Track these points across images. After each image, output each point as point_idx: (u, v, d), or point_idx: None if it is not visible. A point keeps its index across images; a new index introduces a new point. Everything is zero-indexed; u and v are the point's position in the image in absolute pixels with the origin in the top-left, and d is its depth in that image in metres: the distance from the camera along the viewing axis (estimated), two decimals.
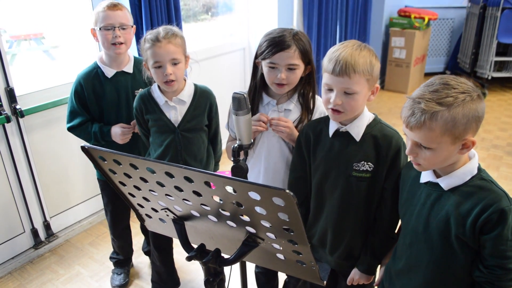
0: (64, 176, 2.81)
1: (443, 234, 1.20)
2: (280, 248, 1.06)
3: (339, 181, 1.46)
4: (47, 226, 2.78)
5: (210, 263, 1.11)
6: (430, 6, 5.68)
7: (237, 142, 1.35)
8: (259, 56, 1.61)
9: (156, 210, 1.22)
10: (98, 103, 2.05)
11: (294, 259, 1.09)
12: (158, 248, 2.15)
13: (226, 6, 4.28)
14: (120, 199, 1.27)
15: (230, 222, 1.07)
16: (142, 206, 1.25)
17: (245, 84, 4.20)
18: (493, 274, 1.16)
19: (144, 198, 1.19)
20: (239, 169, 1.34)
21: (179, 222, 1.19)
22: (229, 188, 0.93)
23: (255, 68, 1.68)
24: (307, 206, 1.62)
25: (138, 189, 1.14)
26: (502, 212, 1.10)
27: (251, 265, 1.44)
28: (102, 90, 2.03)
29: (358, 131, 1.41)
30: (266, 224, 0.99)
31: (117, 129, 2.02)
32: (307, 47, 1.58)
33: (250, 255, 1.13)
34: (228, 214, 1.03)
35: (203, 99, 1.89)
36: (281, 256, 1.11)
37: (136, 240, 2.70)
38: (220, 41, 4.05)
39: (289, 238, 0.99)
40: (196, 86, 1.90)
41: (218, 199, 1.00)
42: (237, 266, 1.44)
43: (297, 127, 1.65)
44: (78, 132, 2.09)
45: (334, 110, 1.37)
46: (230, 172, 1.35)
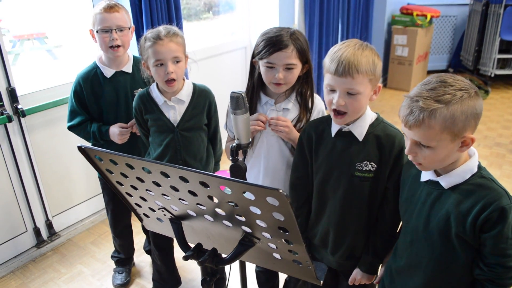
0: (66, 175, 2.83)
1: (444, 233, 1.20)
2: (276, 247, 1.06)
3: (342, 181, 1.45)
4: (49, 225, 2.79)
5: (206, 263, 1.11)
6: (433, 3, 5.64)
7: (235, 141, 1.35)
8: (256, 55, 1.60)
9: (153, 210, 1.23)
10: (97, 103, 2.06)
11: (290, 259, 1.09)
12: (158, 247, 2.16)
13: (228, 4, 4.28)
14: (120, 199, 1.28)
15: (226, 222, 1.07)
16: (139, 206, 1.26)
17: (246, 83, 4.19)
18: (493, 272, 1.16)
19: (141, 197, 1.19)
20: (238, 168, 1.34)
21: (176, 222, 1.19)
22: (226, 189, 0.93)
23: (253, 67, 1.68)
24: (309, 205, 1.61)
25: (135, 188, 1.15)
26: (502, 210, 1.10)
27: (252, 264, 1.44)
28: (101, 90, 2.04)
29: (361, 131, 1.41)
30: (262, 223, 0.99)
31: (115, 129, 2.03)
32: (305, 46, 1.58)
33: (247, 255, 1.13)
34: (224, 213, 1.03)
35: (202, 98, 1.89)
36: (277, 255, 1.11)
37: (137, 239, 2.71)
38: (221, 40, 4.05)
39: (284, 238, 1.00)
40: (194, 85, 1.90)
41: (214, 199, 1.00)
42: (237, 265, 1.45)
43: (295, 126, 1.64)
44: (78, 131, 2.10)
45: (337, 114, 1.36)
46: (229, 171, 1.36)
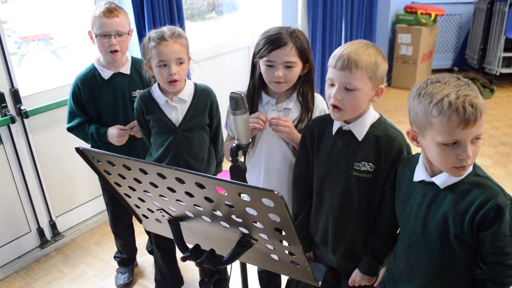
0: (69, 175, 2.84)
1: (442, 234, 1.19)
2: (273, 248, 1.06)
3: (340, 179, 1.45)
4: (53, 226, 2.81)
5: (204, 264, 1.11)
6: (437, 2, 5.61)
7: (235, 141, 1.34)
8: (256, 54, 1.60)
9: (152, 211, 1.23)
10: (95, 105, 2.06)
11: (288, 260, 1.08)
12: (160, 247, 2.16)
13: (231, 4, 4.28)
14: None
15: (223, 223, 1.07)
16: (138, 207, 1.26)
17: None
18: (493, 271, 1.15)
19: (139, 199, 1.19)
20: (237, 169, 1.33)
21: (174, 223, 1.19)
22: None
23: (254, 67, 1.67)
24: (311, 202, 1.61)
25: (133, 190, 1.15)
26: (498, 208, 1.10)
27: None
28: (99, 92, 2.04)
29: (361, 131, 1.40)
30: (258, 225, 0.99)
31: (113, 130, 2.03)
32: (305, 45, 1.57)
33: (245, 256, 1.13)
34: (221, 215, 1.03)
35: (203, 98, 1.89)
36: (275, 256, 1.11)
37: (140, 239, 2.71)
38: (225, 39, 4.05)
39: (281, 239, 0.99)
40: (196, 85, 1.90)
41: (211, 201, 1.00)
42: (238, 266, 1.44)
43: (296, 127, 1.64)
44: (77, 132, 2.11)
45: (334, 107, 1.36)
46: (229, 172, 1.35)
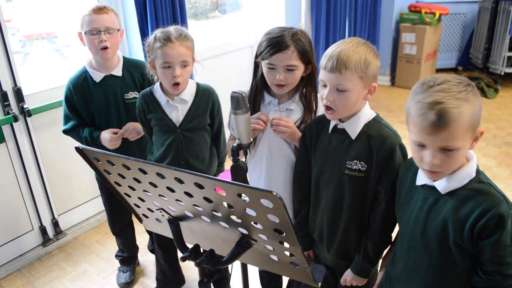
0: (72, 174, 2.84)
1: (441, 240, 1.17)
2: (273, 249, 1.06)
3: (333, 177, 1.45)
4: (56, 224, 2.81)
5: (203, 264, 1.11)
6: (441, 1, 5.58)
7: (236, 141, 1.34)
8: (259, 56, 1.59)
9: (151, 210, 1.23)
10: (87, 108, 2.05)
11: (288, 261, 1.08)
12: (162, 246, 2.16)
13: (235, 3, 4.28)
14: (116, 198, 1.28)
15: (223, 223, 1.07)
16: (138, 206, 1.26)
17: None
18: (491, 280, 1.13)
19: (139, 198, 1.19)
20: (238, 169, 1.33)
21: (174, 223, 1.19)
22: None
23: (256, 67, 1.67)
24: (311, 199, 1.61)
25: (133, 189, 1.14)
26: (500, 217, 1.07)
27: None
28: (90, 95, 2.03)
29: (354, 129, 1.40)
30: (257, 225, 0.98)
31: (106, 135, 2.02)
32: (307, 47, 1.56)
33: (245, 256, 1.12)
34: (220, 215, 1.03)
35: (205, 98, 1.88)
36: (274, 257, 1.10)
37: (142, 238, 2.72)
38: (228, 38, 4.05)
39: (280, 240, 0.99)
40: (198, 85, 1.89)
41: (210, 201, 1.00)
42: (239, 266, 1.44)
43: (299, 127, 1.63)
44: (72, 135, 2.11)
45: (327, 108, 1.37)
46: (230, 172, 1.35)
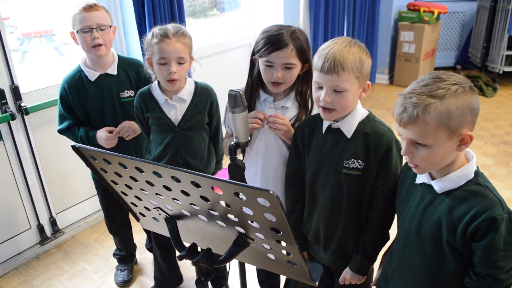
0: (69, 172, 2.84)
1: (435, 239, 1.16)
2: (270, 248, 1.06)
3: (330, 177, 1.45)
4: (53, 222, 2.81)
5: (201, 263, 1.11)
6: None
7: (233, 139, 1.34)
8: (256, 53, 1.59)
9: (148, 209, 1.23)
10: (83, 107, 2.04)
11: (285, 260, 1.08)
12: (160, 245, 2.16)
13: (233, 1, 4.27)
14: (113, 197, 1.27)
15: (220, 222, 1.06)
16: (135, 205, 1.26)
17: None
18: (482, 282, 1.12)
19: (136, 197, 1.19)
20: (236, 167, 1.33)
21: (171, 221, 1.18)
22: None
23: (252, 64, 1.66)
24: (304, 201, 1.60)
25: (130, 188, 1.14)
26: (493, 220, 1.06)
27: None
28: (85, 94, 2.02)
29: (349, 128, 1.40)
30: (254, 224, 0.98)
31: (102, 134, 2.01)
32: (305, 46, 1.56)
33: (242, 255, 1.12)
34: (217, 214, 1.03)
35: (203, 97, 1.87)
36: (272, 256, 1.10)
37: (140, 236, 2.72)
38: (226, 36, 4.04)
39: (277, 239, 0.99)
40: (196, 84, 1.88)
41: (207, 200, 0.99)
42: (236, 264, 1.44)
43: (294, 125, 1.63)
44: (67, 135, 2.10)
45: (325, 109, 1.36)
46: (227, 170, 1.35)
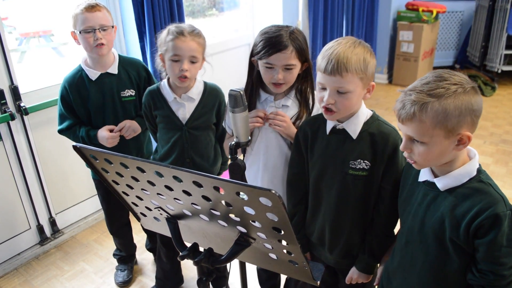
0: (69, 172, 2.83)
1: (438, 236, 1.17)
2: (271, 247, 1.06)
3: (336, 178, 1.44)
4: (53, 223, 2.80)
5: (202, 263, 1.11)
6: None
7: (234, 139, 1.34)
8: (255, 55, 1.58)
9: (150, 209, 1.22)
10: (84, 107, 2.04)
11: (286, 259, 1.08)
12: (166, 244, 2.14)
13: (232, 1, 4.27)
14: (114, 198, 1.27)
15: (221, 222, 1.06)
16: (136, 205, 1.25)
17: None
18: (485, 279, 1.12)
19: (137, 197, 1.19)
20: (236, 167, 1.33)
21: (172, 221, 1.18)
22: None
23: (251, 65, 1.66)
24: (307, 202, 1.60)
25: (131, 188, 1.14)
26: (496, 217, 1.06)
27: None
28: (86, 93, 2.02)
29: (354, 129, 1.40)
30: (256, 224, 0.98)
31: (103, 133, 2.00)
32: (304, 46, 1.56)
33: (244, 255, 1.12)
34: (219, 213, 1.03)
35: (212, 97, 1.88)
36: (273, 255, 1.10)
37: (140, 236, 2.71)
38: (225, 36, 4.04)
39: (278, 238, 0.99)
40: (205, 84, 1.89)
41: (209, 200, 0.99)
42: (237, 264, 1.44)
43: (295, 123, 1.63)
44: (68, 135, 2.09)
45: (327, 110, 1.36)
46: (228, 170, 1.35)
